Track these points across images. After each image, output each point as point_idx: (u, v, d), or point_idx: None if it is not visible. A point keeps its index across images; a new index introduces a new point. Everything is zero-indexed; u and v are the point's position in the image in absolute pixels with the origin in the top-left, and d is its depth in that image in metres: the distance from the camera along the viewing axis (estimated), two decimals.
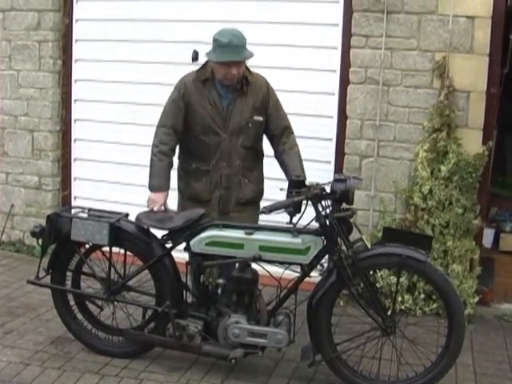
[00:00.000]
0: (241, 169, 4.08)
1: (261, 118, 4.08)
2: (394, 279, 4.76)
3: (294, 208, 3.56)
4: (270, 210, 3.59)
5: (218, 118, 3.99)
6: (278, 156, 4.16)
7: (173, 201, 4.22)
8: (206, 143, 4.02)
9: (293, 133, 4.21)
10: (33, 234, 3.97)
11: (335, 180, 3.61)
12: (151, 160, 4.07)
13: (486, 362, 4.25)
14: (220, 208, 4.08)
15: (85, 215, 3.99)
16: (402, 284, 4.86)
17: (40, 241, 3.96)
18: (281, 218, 3.66)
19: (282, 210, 3.58)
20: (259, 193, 4.23)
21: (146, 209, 4.04)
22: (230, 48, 3.82)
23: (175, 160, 4.18)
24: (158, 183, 4.05)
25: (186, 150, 4.16)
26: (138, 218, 3.92)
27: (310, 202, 3.59)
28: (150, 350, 4.05)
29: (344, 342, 3.77)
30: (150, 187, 4.07)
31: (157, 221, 3.90)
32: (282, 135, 4.15)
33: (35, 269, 4.06)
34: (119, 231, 3.90)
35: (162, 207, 4.04)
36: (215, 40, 3.87)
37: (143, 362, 4.01)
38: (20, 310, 4.76)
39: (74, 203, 6.14)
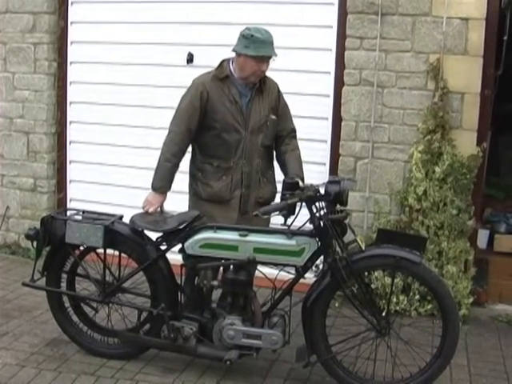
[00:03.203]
0: (260, 167, 4.09)
1: (276, 118, 4.11)
2: (388, 280, 4.77)
3: (288, 210, 3.57)
4: (264, 212, 3.60)
5: (239, 116, 3.98)
6: (279, 156, 4.18)
7: (176, 203, 4.23)
8: (227, 141, 3.99)
9: (296, 137, 4.24)
10: (27, 236, 3.98)
11: (329, 182, 3.62)
12: (159, 159, 4.03)
13: (481, 362, 4.26)
14: (240, 208, 4.06)
15: (79, 217, 4.00)
16: (397, 285, 4.87)
17: (35, 243, 3.96)
18: (275, 219, 3.67)
19: (277, 212, 3.60)
20: (275, 193, 4.22)
21: (141, 210, 4.04)
22: (268, 44, 3.89)
23: (187, 162, 4.16)
24: (159, 184, 4.04)
25: (205, 149, 4.09)
26: (132, 220, 3.92)
27: (304, 204, 3.60)
28: (145, 352, 4.06)
29: (339, 342, 3.77)
30: (151, 185, 4.07)
31: (151, 223, 3.89)
32: (286, 137, 4.18)
33: (30, 271, 4.05)
34: (114, 233, 3.89)
35: (158, 209, 4.04)
36: (250, 36, 3.86)
37: (138, 363, 4.01)
38: (15, 312, 4.75)
39: (69, 205, 6.14)
